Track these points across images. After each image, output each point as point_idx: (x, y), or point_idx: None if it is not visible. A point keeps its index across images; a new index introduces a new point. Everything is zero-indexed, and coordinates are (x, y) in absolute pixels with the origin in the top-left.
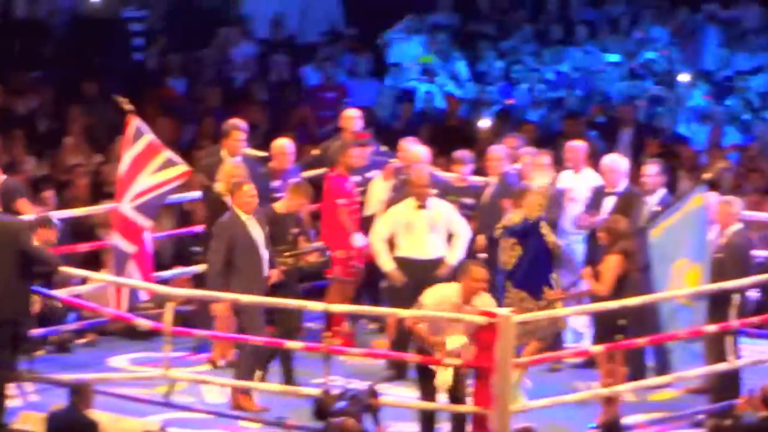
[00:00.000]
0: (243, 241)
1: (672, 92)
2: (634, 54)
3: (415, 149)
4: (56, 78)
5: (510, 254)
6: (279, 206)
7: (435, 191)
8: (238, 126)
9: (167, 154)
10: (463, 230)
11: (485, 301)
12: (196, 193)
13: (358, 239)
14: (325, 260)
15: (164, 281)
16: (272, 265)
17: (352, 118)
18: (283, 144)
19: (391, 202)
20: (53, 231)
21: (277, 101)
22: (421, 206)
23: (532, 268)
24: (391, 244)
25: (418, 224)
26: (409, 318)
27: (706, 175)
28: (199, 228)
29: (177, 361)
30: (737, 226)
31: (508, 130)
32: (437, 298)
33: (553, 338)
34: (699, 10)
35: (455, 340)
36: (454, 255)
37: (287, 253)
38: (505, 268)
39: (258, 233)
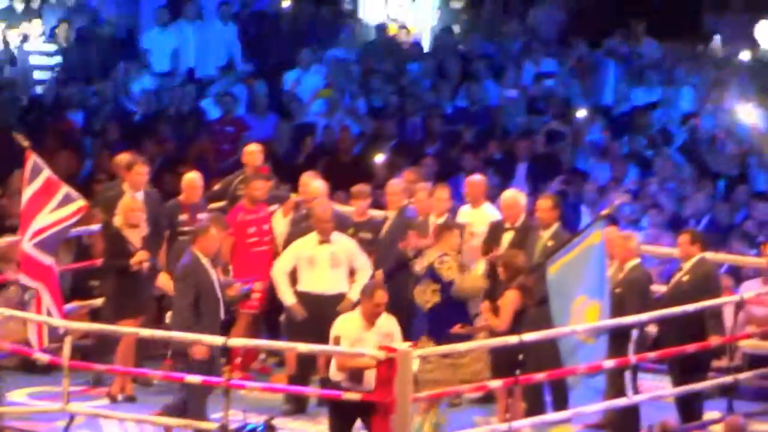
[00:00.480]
0: (205, 286)
1: (570, 127)
2: (532, 89)
3: (314, 184)
4: None
5: (427, 299)
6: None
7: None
8: (140, 160)
9: (65, 190)
10: (365, 265)
11: (389, 322)
12: (95, 227)
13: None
14: (246, 294)
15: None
16: None
17: (254, 152)
18: (193, 178)
19: (290, 236)
20: None
21: (176, 135)
22: (324, 241)
23: (452, 314)
24: (294, 278)
25: (320, 259)
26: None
27: (605, 212)
28: (97, 262)
29: (76, 396)
30: (635, 261)
31: (406, 164)
32: (343, 327)
33: None
34: (598, 45)
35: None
36: (356, 290)
37: None
38: (421, 307)
39: (214, 275)
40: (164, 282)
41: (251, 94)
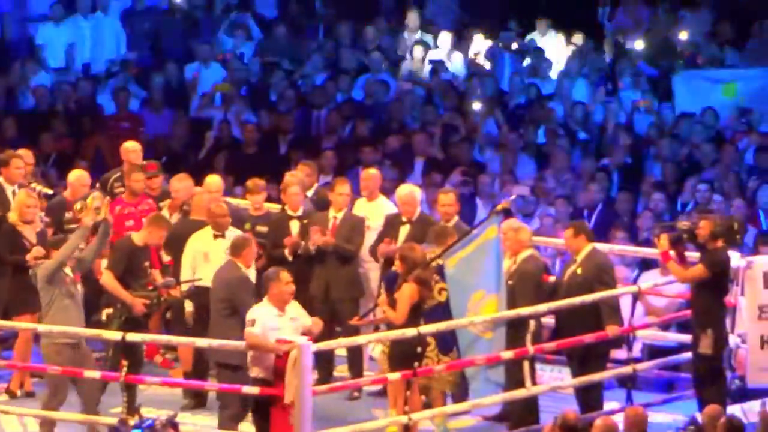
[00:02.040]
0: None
1: (466, 119)
2: (429, 81)
3: (207, 178)
4: None
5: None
6: (137, 238)
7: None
8: (17, 154)
9: None
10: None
11: (297, 309)
12: None
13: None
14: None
15: None
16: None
17: (135, 150)
18: (80, 175)
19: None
20: None
21: (71, 131)
22: (219, 236)
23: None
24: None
25: (215, 253)
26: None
27: (500, 206)
28: None
29: None
30: (527, 252)
31: (304, 157)
32: (259, 313)
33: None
34: (496, 38)
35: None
36: None
37: (151, 288)
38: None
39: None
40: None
41: (146, 89)
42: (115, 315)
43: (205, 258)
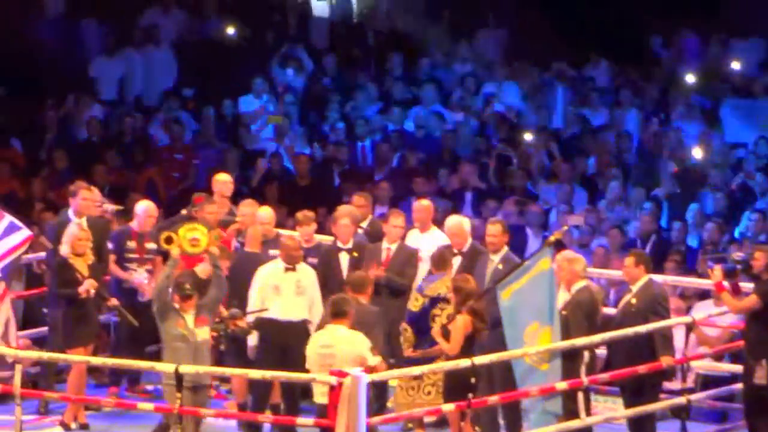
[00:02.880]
0: None
1: (519, 150)
2: (481, 112)
3: (259, 210)
4: None
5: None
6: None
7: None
8: (85, 186)
9: (8, 219)
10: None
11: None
12: (42, 255)
13: None
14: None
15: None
16: None
17: (225, 182)
18: (148, 206)
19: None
20: None
21: (124, 163)
22: (290, 269)
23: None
24: None
25: (286, 287)
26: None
27: (553, 237)
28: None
29: (29, 424)
30: (582, 283)
31: (357, 188)
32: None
33: None
34: (548, 69)
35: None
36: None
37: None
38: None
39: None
40: None
41: (199, 121)
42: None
43: (275, 291)
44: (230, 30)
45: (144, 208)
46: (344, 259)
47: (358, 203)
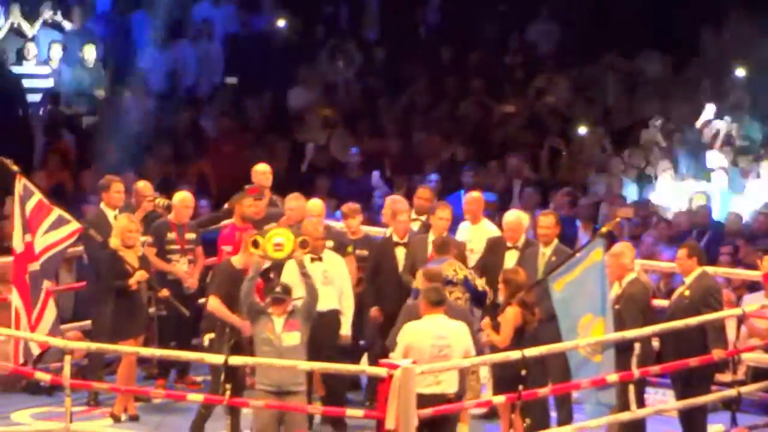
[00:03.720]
0: None
1: (570, 143)
2: (532, 104)
3: (309, 203)
4: None
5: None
6: (236, 261)
7: (331, 243)
8: (117, 179)
9: (57, 212)
10: (350, 291)
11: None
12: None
13: None
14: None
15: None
16: None
17: (264, 173)
18: (184, 197)
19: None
20: None
21: (175, 155)
22: (316, 258)
23: None
24: None
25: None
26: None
27: (604, 228)
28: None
29: (79, 416)
30: (631, 276)
31: (407, 181)
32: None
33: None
34: (599, 60)
35: None
36: (347, 325)
37: None
38: None
39: None
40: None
41: (249, 113)
42: (224, 339)
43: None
44: (281, 23)
45: (180, 198)
46: (401, 253)
47: (422, 196)
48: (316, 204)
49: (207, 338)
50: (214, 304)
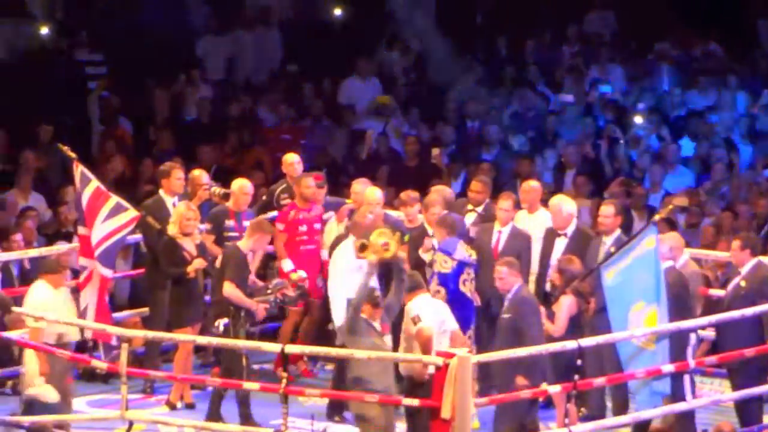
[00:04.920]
0: None
1: (627, 132)
2: (588, 94)
3: (367, 191)
4: (9, 121)
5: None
6: (243, 245)
7: None
8: (177, 165)
9: (115, 200)
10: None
11: None
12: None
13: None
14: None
15: (118, 323)
16: None
17: (290, 163)
18: (242, 184)
19: (337, 241)
20: None
21: (232, 143)
22: None
23: None
24: None
25: (365, 266)
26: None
27: (658, 216)
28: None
29: (135, 403)
30: (667, 264)
31: (464, 169)
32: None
33: None
34: (655, 50)
35: None
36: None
37: (269, 291)
38: None
39: None
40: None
41: (306, 102)
42: (240, 324)
43: (355, 270)
44: (338, 11)
45: (238, 186)
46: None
47: (476, 188)
48: (374, 192)
49: (220, 323)
50: (229, 289)
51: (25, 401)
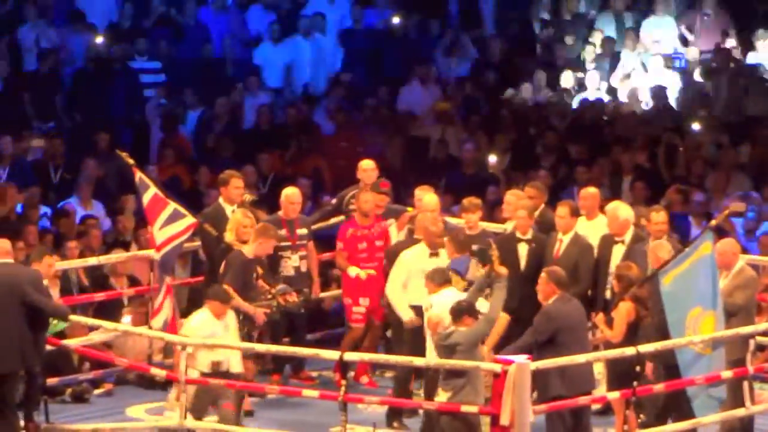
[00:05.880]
0: None
1: (685, 138)
2: (646, 101)
3: (425, 197)
4: (68, 129)
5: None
6: (247, 251)
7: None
8: (236, 174)
9: (173, 206)
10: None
11: None
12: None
13: (352, 271)
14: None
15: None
16: None
17: (367, 170)
18: (290, 193)
19: (396, 247)
20: None
21: (290, 151)
22: (434, 254)
23: None
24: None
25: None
26: None
27: (714, 222)
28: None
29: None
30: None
31: (522, 177)
32: None
33: None
34: (714, 54)
35: None
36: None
37: (270, 296)
38: None
39: None
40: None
41: (363, 109)
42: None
43: (419, 276)
44: (396, 19)
45: (286, 195)
46: (523, 249)
47: (530, 194)
48: (432, 199)
49: None
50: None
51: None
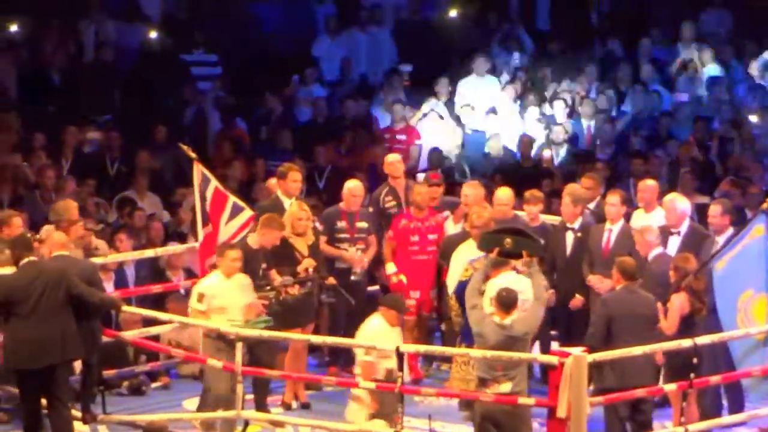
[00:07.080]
0: None
1: (741, 131)
2: (702, 94)
3: (498, 191)
4: (125, 122)
5: None
6: (252, 241)
7: None
8: (295, 167)
9: (232, 200)
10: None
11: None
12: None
13: (390, 267)
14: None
15: None
16: None
17: (393, 162)
18: (352, 186)
19: (450, 240)
20: None
21: (347, 144)
22: None
23: None
24: None
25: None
26: None
27: (765, 204)
28: None
29: (250, 403)
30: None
31: (580, 169)
32: None
33: None
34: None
35: None
36: None
37: (269, 287)
38: None
39: None
40: None
41: (419, 102)
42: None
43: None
44: (452, 12)
45: (348, 187)
46: (569, 238)
47: (586, 185)
48: (505, 192)
49: None
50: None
51: None
